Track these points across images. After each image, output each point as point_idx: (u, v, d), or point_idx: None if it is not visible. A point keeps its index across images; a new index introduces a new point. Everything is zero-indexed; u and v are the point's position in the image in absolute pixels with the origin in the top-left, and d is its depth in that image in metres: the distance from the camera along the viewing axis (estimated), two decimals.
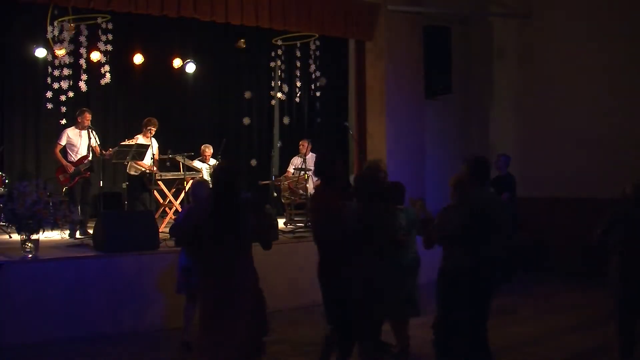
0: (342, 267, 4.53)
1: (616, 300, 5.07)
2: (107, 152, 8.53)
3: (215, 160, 9.47)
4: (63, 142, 8.47)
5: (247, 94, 12.03)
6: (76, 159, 8.44)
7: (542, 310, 7.12)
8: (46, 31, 8.16)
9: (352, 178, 10.72)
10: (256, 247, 4.20)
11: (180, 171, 9.10)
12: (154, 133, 8.87)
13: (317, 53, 10.34)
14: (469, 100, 10.86)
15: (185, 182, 8.91)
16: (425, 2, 10.07)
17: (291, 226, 9.25)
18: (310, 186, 9.51)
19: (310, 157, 9.91)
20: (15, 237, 6.81)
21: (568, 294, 8.31)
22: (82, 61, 8.72)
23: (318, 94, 10.85)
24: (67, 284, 6.26)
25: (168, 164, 9.43)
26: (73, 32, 8.51)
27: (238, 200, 4.08)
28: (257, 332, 4.19)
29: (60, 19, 8.26)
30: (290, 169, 10.13)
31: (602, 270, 5.89)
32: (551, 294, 8.16)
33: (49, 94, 8.53)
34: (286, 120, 11.57)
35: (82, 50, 8.70)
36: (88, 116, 8.53)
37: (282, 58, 10.82)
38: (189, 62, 10.67)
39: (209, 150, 9.69)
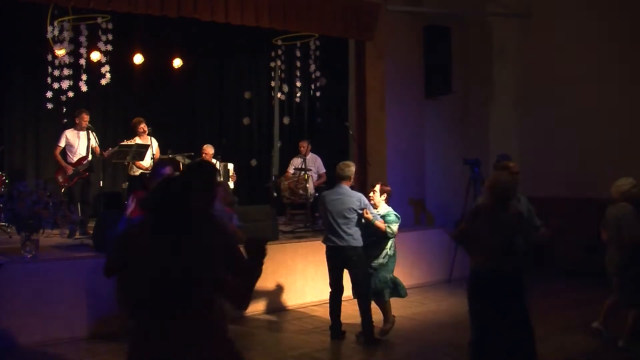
0: None
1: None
2: (106, 152, 8.54)
3: (215, 160, 9.47)
4: (62, 143, 8.48)
5: (247, 94, 12.03)
6: (75, 160, 8.45)
7: (542, 309, 7.10)
8: (46, 31, 8.15)
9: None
10: None
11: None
12: (147, 130, 8.87)
13: (317, 53, 10.34)
14: (469, 100, 10.85)
15: None
16: (425, 2, 10.07)
17: (291, 226, 9.26)
18: (311, 186, 9.52)
19: (311, 158, 9.93)
20: (15, 237, 6.82)
21: (569, 293, 8.31)
22: (82, 61, 8.72)
23: (318, 94, 10.84)
24: (67, 284, 6.26)
25: None
26: (71, 32, 8.52)
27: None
28: None
29: (60, 19, 8.26)
30: (290, 170, 10.14)
31: (602, 268, 5.96)
32: (551, 293, 8.15)
33: (49, 94, 8.53)
34: (286, 120, 11.56)
35: (82, 50, 8.70)
36: (86, 117, 8.54)
37: (282, 58, 10.81)
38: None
39: (209, 149, 9.68)
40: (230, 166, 9.81)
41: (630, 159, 8.62)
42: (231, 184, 9.63)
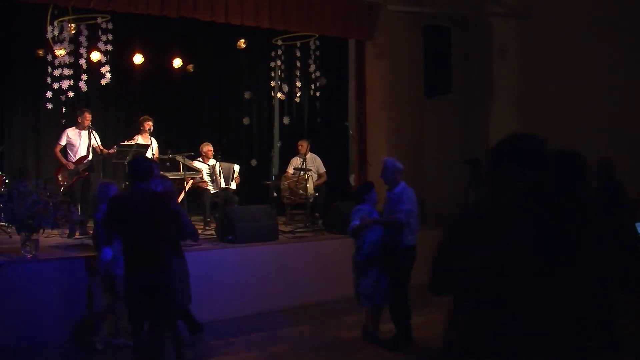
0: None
1: None
2: (111, 151, 8.57)
3: (215, 160, 9.47)
4: (63, 142, 8.50)
5: (247, 94, 12.03)
6: (75, 159, 8.46)
7: None
8: (46, 31, 8.16)
9: (351, 178, 10.83)
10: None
11: (180, 171, 9.11)
12: (151, 129, 8.87)
13: (317, 53, 10.35)
14: (469, 100, 10.85)
15: (185, 182, 8.91)
16: (425, 2, 10.07)
17: (291, 226, 9.26)
18: (310, 186, 9.51)
19: (310, 157, 9.93)
20: (16, 237, 6.82)
21: None
22: (82, 61, 8.72)
23: (318, 94, 10.85)
24: (67, 284, 6.26)
25: (168, 164, 9.43)
26: (74, 31, 8.51)
27: None
28: None
29: (60, 19, 8.26)
30: (290, 169, 10.13)
31: None
32: None
33: (49, 94, 8.53)
34: (286, 120, 11.57)
35: (82, 50, 8.70)
36: (88, 116, 8.55)
37: (282, 58, 10.82)
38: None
39: (207, 147, 9.67)
40: (236, 167, 9.78)
41: (630, 159, 8.62)
42: (233, 186, 9.61)
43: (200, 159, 9.57)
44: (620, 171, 7.32)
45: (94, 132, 8.57)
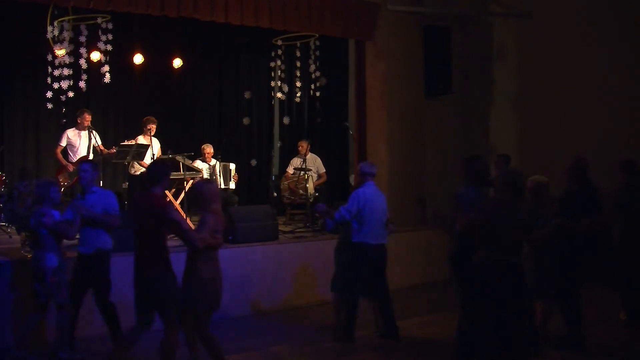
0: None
1: None
2: (111, 151, 8.57)
3: (215, 160, 9.47)
4: (63, 143, 8.51)
5: (247, 94, 12.04)
6: (76, 160, 8.47)
7: None
8: (46, 31, 8.16)
9: (351, 178, 10.83)
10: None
11: (180, 171, 9.10)
12: (154, 131, 8.87)
13: (317, 53, 10.34)
14: (469, 100, 10.85)
15: (185, 182, 8.91)
16: (425, 2, 10.08)
17: (291, 226, 9.27)
18: (311, 186, 9.52)
19: (310, 158, 9.93)
20: (15, 237, 6.82)
21: None
22: (82, 61, 8.72)
23: (318, 94, 10.84)
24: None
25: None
26: (70, 30, 8.51)
27: None
28: None
29: (60, 19, 8.26)
30: (290, 170, 10.14)
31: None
32: None
33: (49, 94, 8.53)
34: (286, 120, 11.57)
35: (82, 50, 8.70)
36: (87, 117, 8.56)
37: (282, 58, 10.81)
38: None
39: (209, 149, 9.68)
40: (232, 166, 9.80)
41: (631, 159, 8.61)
42: (232, 185, 9.62)
43: (202, 159, 9.57)
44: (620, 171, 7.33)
45: (94, 132, 8.58)
